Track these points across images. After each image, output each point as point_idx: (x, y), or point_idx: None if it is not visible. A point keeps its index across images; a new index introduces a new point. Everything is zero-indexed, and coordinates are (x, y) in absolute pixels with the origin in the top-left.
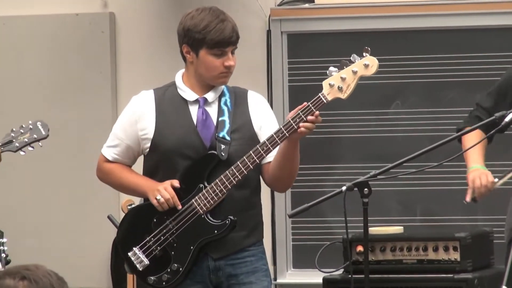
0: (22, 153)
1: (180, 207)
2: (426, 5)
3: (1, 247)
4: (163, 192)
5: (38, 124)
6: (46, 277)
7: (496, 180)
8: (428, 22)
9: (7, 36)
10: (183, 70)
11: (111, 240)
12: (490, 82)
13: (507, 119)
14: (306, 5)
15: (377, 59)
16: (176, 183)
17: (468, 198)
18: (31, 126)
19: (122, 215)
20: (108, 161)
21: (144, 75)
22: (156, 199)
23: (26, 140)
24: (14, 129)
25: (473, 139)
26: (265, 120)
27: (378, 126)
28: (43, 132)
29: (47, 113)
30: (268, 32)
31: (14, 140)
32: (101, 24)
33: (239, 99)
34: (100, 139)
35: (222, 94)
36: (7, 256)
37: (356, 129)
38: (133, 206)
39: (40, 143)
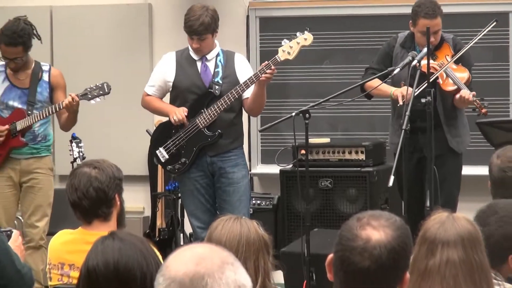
0: (93, 102)
1: (186, 124)
2: None
3: (81, 149)
4: (178, 114)
5: (105, 84)
6: (109, 167)
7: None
8: (348, 11)
9: (79, 19)
10: None
11: (148, 144)
12: None
13: (395, 72)
14: None
15: (316, 33)
16: (185, 110)
17: (401, 102)
18: (99, 85)
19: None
20: (148, 95)
21: (170, 44)
22: (173, 118)
23: (95, 94)
24: (90, 86)
25: (375, 83)
26: (244, 71)
27: (315, 75)
28: (107, 90)
29: (107, 69)
30: (247, 17)
31: (88, 93)
32: (143, 11)
33: (229, 58)
34: (140, 85)
35: (218, 55)
36: (83, 154)
37: (301, 77)
38: (160, 122)
39: (104, 97)
